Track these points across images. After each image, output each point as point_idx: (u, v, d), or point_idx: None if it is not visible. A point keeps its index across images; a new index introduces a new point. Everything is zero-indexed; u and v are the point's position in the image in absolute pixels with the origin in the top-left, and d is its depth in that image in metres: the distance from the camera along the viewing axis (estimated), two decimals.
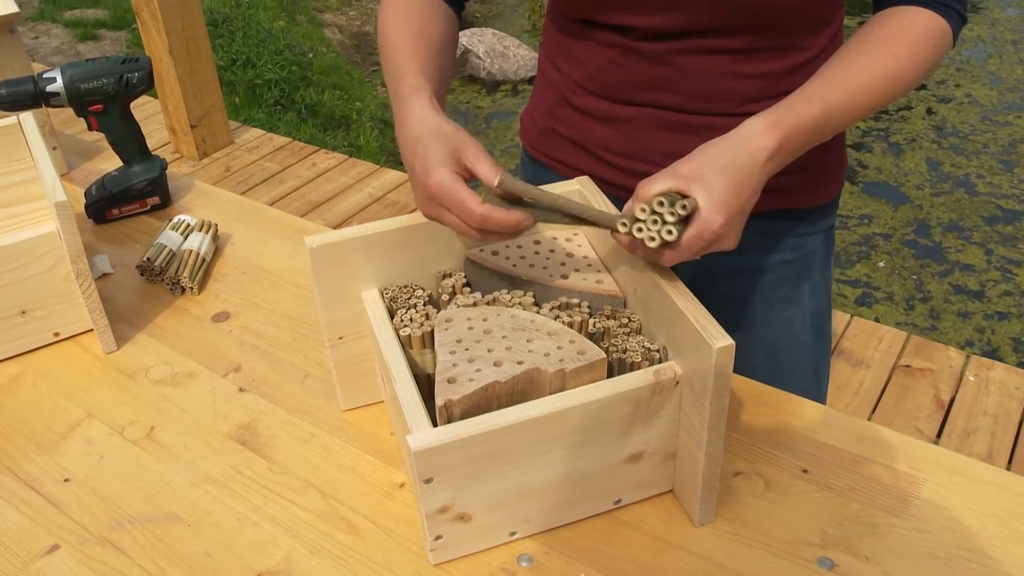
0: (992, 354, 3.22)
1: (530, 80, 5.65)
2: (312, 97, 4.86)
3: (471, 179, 0.82)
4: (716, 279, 1.14)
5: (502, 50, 5.75)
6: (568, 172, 1.13)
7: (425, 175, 0.81)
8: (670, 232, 0.76)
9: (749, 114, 0.84)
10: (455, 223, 0.81)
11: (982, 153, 4.63)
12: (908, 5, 0.90)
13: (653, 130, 1.03)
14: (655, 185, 0.78)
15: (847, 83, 0.85)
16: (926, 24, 0.88)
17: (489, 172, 0.79)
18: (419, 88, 0.88)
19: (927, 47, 0.88)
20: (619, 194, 1.05)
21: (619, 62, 1.01)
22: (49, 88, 1.26)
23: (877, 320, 3.39)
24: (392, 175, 3.71)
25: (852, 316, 2.79)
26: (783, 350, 1.16)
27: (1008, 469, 2.22)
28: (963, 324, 3.42)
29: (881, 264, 3.80)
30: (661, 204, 0.75)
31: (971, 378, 2.53)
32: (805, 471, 0.90)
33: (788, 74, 0.99)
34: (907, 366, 2.58)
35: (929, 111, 5.04)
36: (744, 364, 1.12)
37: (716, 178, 0.77)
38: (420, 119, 0.85)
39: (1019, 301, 3.54)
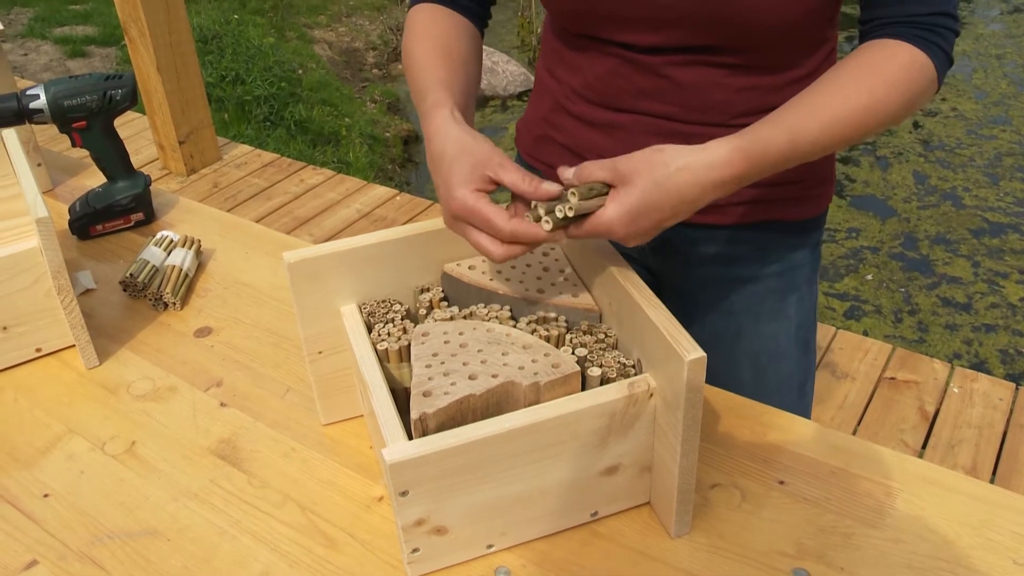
0: (980, 366, 3.24)
1: (519, 95, 5.68)
2: (301, 113, 4.87)
3: (495, 190, 0.83)
4: (703, 290, 1.15)
5: (491, 66, 5.78)
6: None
7: (448, 195, 0.82)
8: (547, 222, 0.79)
9: (741, 125, 0.84)
10: (479, 242, 0.82)
11: (968, 166, 4.66)
12: (891, 39, 0.88)
13: (647, 137, 1.04)
14: (594, 172, 0.80)
15: (819, 114, 0.85)
16: (906, 58, 0.86)
17: (515, 178, 0.81)
18: (440, 102, 0.89)
19: (904, 81, 0.86)
20: None
21: (617, 71, 1.02)
22: (32, 105, 1.27)
23: (865, 333, 3.41)
24: (380, 191, 3.72)
25: (837, 330, 2.80)
26: (768, 363, 1.16)
27: (992, 480, 2.24)
28: (951, 337, 3.44)
29: (869, 277, 3.82)
30: (574, 195, 0.78)
31: (955, 390, 2.54)
32: (781, 482, 0.90)
33: (781, 88, 1.00)
34: (892, 378, 2.59)
35: (916, 125, 5.08)
36: (729, 377, 1.12)
37: (641, 188, 0.78)
38: (441, 133, 0.86)
39: (1006, 313, 3.56)
